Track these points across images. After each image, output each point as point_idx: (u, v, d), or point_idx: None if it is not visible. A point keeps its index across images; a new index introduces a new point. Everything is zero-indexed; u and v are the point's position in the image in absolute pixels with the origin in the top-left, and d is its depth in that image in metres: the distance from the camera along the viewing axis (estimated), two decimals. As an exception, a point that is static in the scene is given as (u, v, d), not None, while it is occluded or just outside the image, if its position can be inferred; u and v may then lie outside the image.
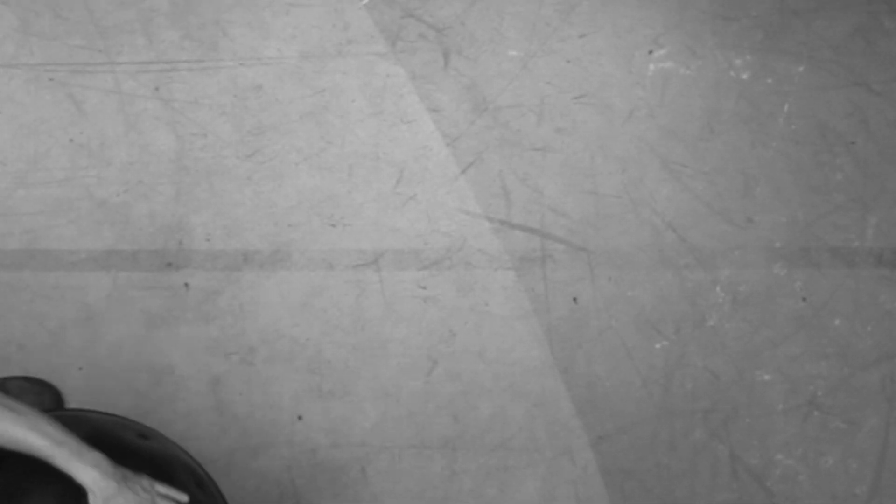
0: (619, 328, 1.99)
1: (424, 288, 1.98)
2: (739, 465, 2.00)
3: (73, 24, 1.93)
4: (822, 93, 1.96)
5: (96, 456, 1.17)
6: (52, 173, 1.95)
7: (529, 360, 1.99)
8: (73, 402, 1.91)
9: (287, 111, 1.96)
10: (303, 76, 1.95)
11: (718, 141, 1.97)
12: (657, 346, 1.99)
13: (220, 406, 1.95)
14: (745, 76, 1.96)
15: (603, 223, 1.98)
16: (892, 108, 1.96)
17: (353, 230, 1.98)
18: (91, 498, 1.15)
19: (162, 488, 1.22)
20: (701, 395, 2.00)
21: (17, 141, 1.94)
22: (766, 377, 2.00)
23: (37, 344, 1.94)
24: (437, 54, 1.95)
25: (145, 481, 1.20)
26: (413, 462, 2.01)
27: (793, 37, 1.95)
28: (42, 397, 1.80)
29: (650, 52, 1.96)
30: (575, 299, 1.99)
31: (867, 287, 1.98)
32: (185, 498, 1.23)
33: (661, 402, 2.00)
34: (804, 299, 1.98)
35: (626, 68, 1.96)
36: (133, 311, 1.95)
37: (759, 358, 1.99)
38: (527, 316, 1.99)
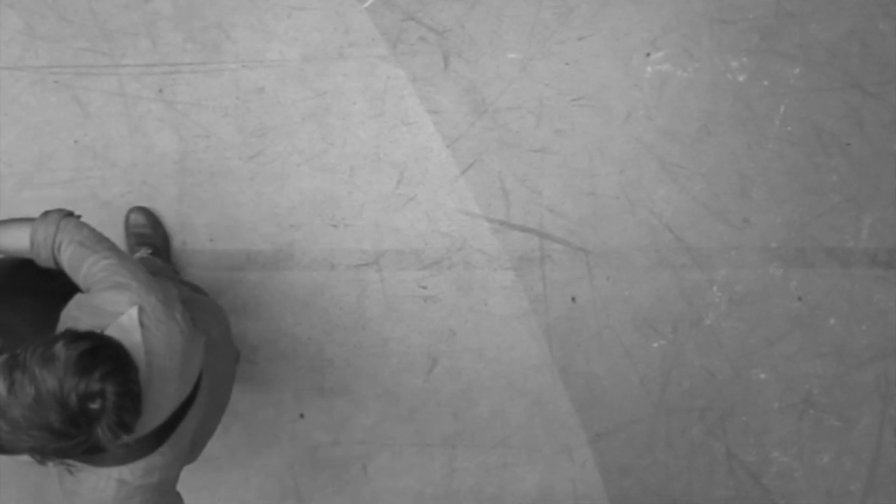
0: (617, 327, 2.00)
1: (424, 287, 2.00)
2: (736, 463, 2.02)
3: (77, 27, 1.94)
4: (817, 95, 1.97)
5: None
6: (57, 174, 1.97)
7: (528, 358, 2.01)
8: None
9: (289, 113, 1.97)
10: (304, 78, 1.97)
11: (715, 142, 1.98)
12: (655, 345, 2.01)
13: (223, 404, 1.97)
14: (741, 78, 1.97)
15: (601, 224, 1.99)
16: (886, 110, 1.97)
17: (354, 230, 1.99)
18: None
19: None
20: (698, 393, 2.01)
21: (23, 142, 1.96)
22: (763, 376, 2.01)
23: (42, 343, 1.96)
24: (437, 57, 1.96)
25: None
26: (413, 459, 2.02)
27: (789, 39, 1.96)
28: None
29: (648, 54, 1.97)
30: (573, 299, 2.00)
31: (862, 287, 1.99)
32: None
33: (658, 401, 2.01)
34: (800, 299, 2.00)
35: (624, 70, 1.97)
36: (137, 311, 1.97)
37: (755, 357, 2.01)
38: (526, 315, 2.00)
